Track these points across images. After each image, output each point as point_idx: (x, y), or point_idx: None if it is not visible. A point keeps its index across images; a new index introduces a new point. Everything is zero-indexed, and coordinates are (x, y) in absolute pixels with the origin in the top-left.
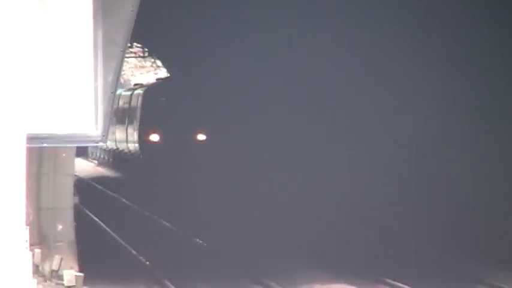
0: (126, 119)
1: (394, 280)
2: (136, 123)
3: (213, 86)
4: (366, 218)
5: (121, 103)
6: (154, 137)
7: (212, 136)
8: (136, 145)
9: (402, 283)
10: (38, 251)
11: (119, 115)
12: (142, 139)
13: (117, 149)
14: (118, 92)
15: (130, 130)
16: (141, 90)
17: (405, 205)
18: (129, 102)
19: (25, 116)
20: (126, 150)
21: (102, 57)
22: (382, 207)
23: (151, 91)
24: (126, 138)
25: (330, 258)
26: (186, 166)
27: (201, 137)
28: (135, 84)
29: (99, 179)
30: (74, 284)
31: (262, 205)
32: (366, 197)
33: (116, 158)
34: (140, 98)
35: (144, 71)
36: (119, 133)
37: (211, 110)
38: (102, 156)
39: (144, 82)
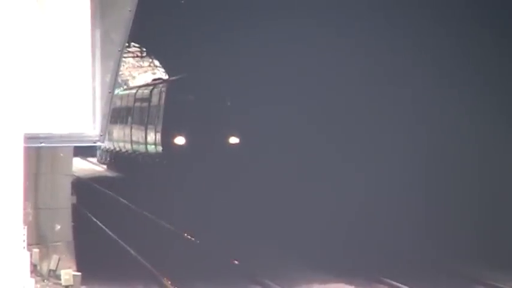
0: (146, 119)
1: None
2: (158, 124)
3: (244, 82)
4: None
5: (138, 101)
6: (180, 140)
7: (247, 139)
8: (159, 148)
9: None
10: (36, 250)
11: (135, 114)
12: (166, 142)
13: (133, 152)
14: (132, 90)
15: (150, 131)
16: (163, 86)
17: (416, 204)
18: (149, 100)
19: (23, 115)
20: (144, 154)
21: (100, 57)
22: (391, 207)
23: (176, 88)
24: (145, 141)
25: (331, 258)
26: (216, 173)
27: (234, 140)
28: (154, 80)
29: (114, 186)
30: (72, 283)
31: (305, 215)
32: (374, 196)
33: (130, 162)
34: (163, 96)
35: (142, 71)
36: (136, 134)
37: (245, 109)
38: (110, 159)
39: (166, 77)
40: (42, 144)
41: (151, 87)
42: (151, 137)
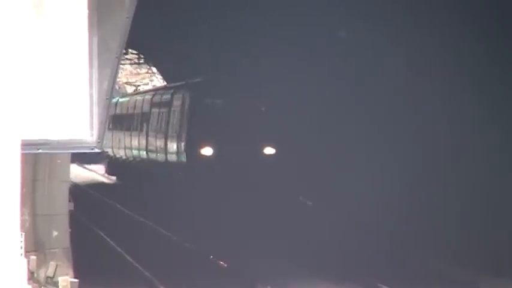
0: (167, 126)
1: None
2: (181, 132)
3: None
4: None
5: (155, 106)
6: (207, 151)
7: (284, 150)
8: (182, 158)
9: None
10: (33, 257)
11: (152, 120)
12: (191, 152)
13: (149, 162)
14: (146, 94)
15: (171, 140)
16: (187, 90)
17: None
18: (170, 105)
19: (20, 121)
20: (163, 164)
21: (98, 64)
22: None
23: (203, 91)
24: (165, 150)
25: (331, 265)
26: (248, 187)
27: (269, 150)
28: (171, 85)
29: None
30: None
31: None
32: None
33: (146, 173)
34: (188, 100)
35: (140, 78)
36: (155, 143)
37: (281, 116)
38: (120, 170)
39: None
40: (40, 151)
41: (172, 90)
42: (172, 146)
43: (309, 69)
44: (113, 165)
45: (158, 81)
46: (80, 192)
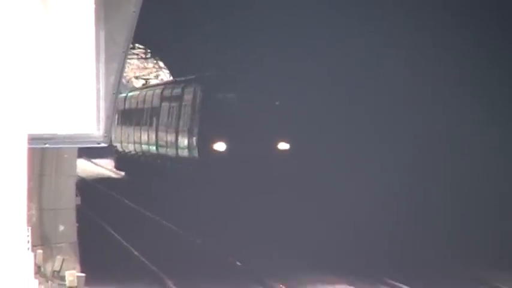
0: (178, 121)
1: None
2: (193, 127)
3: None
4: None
5: (165, 100)
6: (221, 146)
7: (298, 145)
8: (194, 153)
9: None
10: (40, 251)
11: (163, 115)
12: (203, 147)
13: (159, 156)
14: (156, 88)
15: (182, 135)
16: (199, 84)
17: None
18: (181, 99)
19: (27, 116)
20: (174, 159)
21: (104, 59)
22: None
23: (216, 85)
24: (176, 145)
25: (334, 260)
26: (261, 183)
27: (284, 145)
28: (180, 79)
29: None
30: (76, 284)
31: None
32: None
33: (156, 168)
34: (200, 94)
35: (147, 73)
36: (166, 138)
37: (297, 110)
38: (130, 166)
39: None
40: (47, 145)
41: (183, 84)
42: (183, 141)
43: (319, 65)
44: (122, 160)
45: (165, 75)
46: (87, 187)
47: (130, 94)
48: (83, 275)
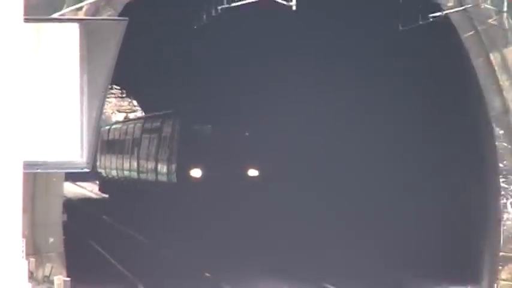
0: (157, 150)
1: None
2: (172, 155)
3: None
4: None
5: (146, 131)
6: (196, 172)
7: (267, 171)
8: (173, 179)
9: None
10: (32, 259)
11: (144, 144)
12: (181, 174)
13: (140, 181)
14: (136, 121)
15: (162, 162)
16: (177, 117)
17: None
18: (160, 131)
19: (21, 145)
20: (154, 184)
21: (87, 96)
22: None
23: (192, 118)
24: (155, 171)
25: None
26: (233, 205)
27: (253, 172)
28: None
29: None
30: (63, 287)
31: None
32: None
33: (137, 192)
34: (177, 126)
35: (123, 110)
36: (146, 165)
37: (266, 140)
38: (113, 189)
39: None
40: (38, 170)
41: (161, 118)
42: (163, 168)
43: (287, 96)
44: (106, 184)
45: (139, 112)
46: (72, 206)
47: (114, 126)
48: (68, 279)
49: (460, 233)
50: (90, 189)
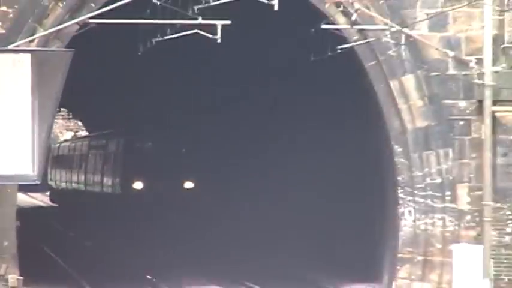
0: (103, 165)
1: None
2: (116, 169)
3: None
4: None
5: (92, 148)
6: (138, 185)
7: (201, 183)
8: (117, 190)
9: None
10: None
11: (90, 160)
12: (124, 186)
13: (87, 192)
14: (84, 139)
15: (107, 175)
16: (120, 135)
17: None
18: (105, 148)
19: None
20: (100, 195)
21: (38, 119)
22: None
23: (134, 136)
24: (101, 183)
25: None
26: (171, 214)
27: (189, 184)
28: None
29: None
30: (16, 285)
31: None
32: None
33: (84, 202)
34: (121, 143)
35: (69, 129)
36: (93, 178)
37: (199, 157)
38: (62, 199)
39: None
40: None
41: (106, 136)
42: (108, 181)
43: (217, 113)
44: (56, 194)
45: (84, 132)
46: (24, 214)
47: (63, 144)
48: (21, 278)
49: (367, 239)
50: (40, 199)
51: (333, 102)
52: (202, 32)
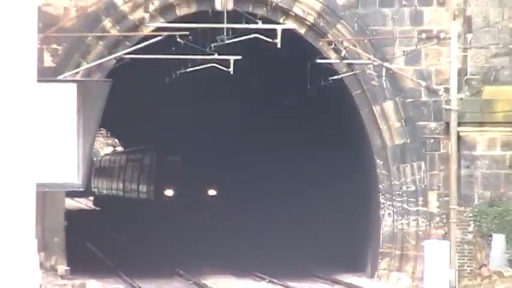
0: (139, 175)
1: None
2: (150, 179)
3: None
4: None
5: (130, 161)
6: (169, 192)
7: (222, 191)
8: (151, 197)
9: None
10: (42, 254)
11: (128, 170)
12: (157, 193)
13: (125, 198)
14: (123, 153)
15: (142, 184)
16: (154, 149)
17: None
18: (141, 160)
19: (35, 172)
20: (135, 201)
21: (82, 136)
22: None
23: (166, 150)
24: (137, 190)
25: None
26: (195, 216)
27: (212, 192)
28: (137, 147)
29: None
30: (64, 274)
31: None
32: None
33: (123, 206)
34: (155, 157)
35: (108, 145)
36: (130, 186)
37: (221, 168)
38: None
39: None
40: (47, 189)
41: (142, 151)
42: (143, 188)
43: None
44: (98, 200)
45: (120, 147)
46: (71, 215)
47: (104, 158)
48: (68, 268)
49: (353, 237)
50: (85, 204)
51: (328, 122)
52: (218, 66)
